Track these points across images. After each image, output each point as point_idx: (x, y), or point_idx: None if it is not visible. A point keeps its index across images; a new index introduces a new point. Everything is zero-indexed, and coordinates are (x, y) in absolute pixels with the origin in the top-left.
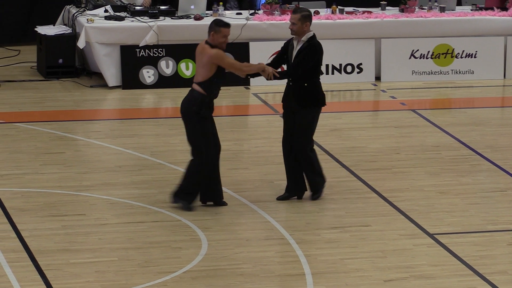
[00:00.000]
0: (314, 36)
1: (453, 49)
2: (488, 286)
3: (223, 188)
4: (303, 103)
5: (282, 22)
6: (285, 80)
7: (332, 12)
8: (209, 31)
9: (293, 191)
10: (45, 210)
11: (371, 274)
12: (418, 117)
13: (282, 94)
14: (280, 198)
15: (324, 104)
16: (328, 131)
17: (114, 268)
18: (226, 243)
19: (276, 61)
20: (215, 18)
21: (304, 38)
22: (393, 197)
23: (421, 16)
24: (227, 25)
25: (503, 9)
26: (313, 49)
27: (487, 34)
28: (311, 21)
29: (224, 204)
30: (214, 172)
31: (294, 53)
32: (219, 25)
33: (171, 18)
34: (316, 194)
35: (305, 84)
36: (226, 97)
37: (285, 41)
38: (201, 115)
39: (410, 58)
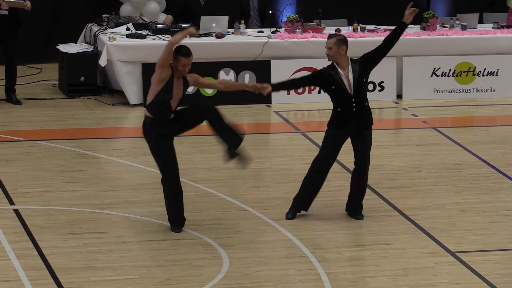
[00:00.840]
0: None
1: (475, 67)
2: None
3: (244, 206)
4: (366, 123)
5: (303, 40)
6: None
7: (354, 30)
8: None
9: (299, 206)
10: (67, 228)
11: None
12: (440, 135)
13: (300, 113)
14: (290, 217)
15: None
16: (350, 149)
17: (135, 286)
18: (247, 261)
19: (298, 82)
20: (179, 44)
21: (350, 61)
22: (414, 215)
23: (443, 34)
24: (187, 55)
25: None
26: None
27: (508, 52)
28: (347, 45)
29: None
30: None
31: (351, 75)
32: (178, 54)
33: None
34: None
35: (366, 104)
36: (247, 115)
37: (316, 73)
38: (157, 137)
39: (431, 76)
